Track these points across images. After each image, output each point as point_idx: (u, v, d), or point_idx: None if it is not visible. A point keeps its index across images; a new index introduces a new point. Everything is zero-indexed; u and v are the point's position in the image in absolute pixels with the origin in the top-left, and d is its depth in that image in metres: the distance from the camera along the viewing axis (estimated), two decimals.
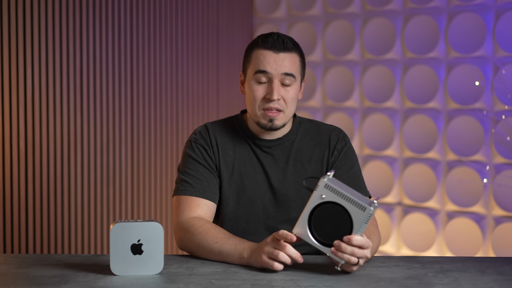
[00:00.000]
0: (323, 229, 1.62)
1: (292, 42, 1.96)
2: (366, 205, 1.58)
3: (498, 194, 3.47)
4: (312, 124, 2.07)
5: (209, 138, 2.00)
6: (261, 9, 4.33)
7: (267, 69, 1.91)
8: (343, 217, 1.60)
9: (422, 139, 3.78)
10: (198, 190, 1.93)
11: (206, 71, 4.03)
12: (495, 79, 3.48)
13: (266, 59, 1.91)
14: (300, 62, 1.98)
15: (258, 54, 1.93)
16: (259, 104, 1.92)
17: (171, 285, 1.56)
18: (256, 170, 1.99)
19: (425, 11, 3.76)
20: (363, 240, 1.59)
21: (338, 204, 1.59)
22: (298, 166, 1.99)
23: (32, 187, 3.09)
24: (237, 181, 1.98)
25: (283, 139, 2.01)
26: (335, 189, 1.59)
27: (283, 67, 1.91)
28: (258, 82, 1.93)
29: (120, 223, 1.61)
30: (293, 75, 1.93)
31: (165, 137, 3.77)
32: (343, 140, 2.03)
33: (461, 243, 3.63)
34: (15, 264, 1.74)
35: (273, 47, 1.92)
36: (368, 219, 1.59)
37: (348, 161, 2.01)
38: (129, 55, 3.55)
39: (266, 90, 1.92)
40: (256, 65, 1.93)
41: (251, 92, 1.93)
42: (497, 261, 1.82)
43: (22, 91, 3.03)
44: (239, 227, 1.98)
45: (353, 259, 1.59)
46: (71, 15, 3.23)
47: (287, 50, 1.93)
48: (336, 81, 4.10)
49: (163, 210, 3.77)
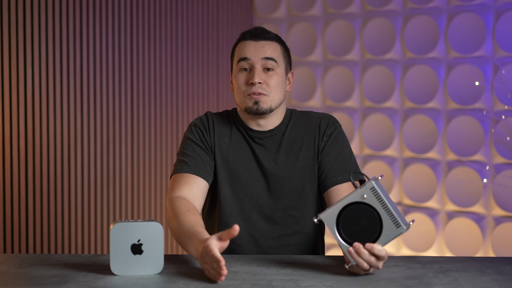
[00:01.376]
0: (349, 226, 1.60)
1: (274, 35, 2.02)
2: (401, 223, 1.57)
3: (498, 194, 3.48)
4: (302, 114, 2.10)
5: (207, 124, 2.05)
6: (261, 9, 4.33)
7: (247, 55, 1.97)
8: (375, 225, 1.59)
9: (422, 139, 3.78)
10: (192, 167, 1.96)
11: (206, 71, 4.04)
12: (495, 79, 3.48)
13: (246, 47, 1.98)
14: (282, 51, 2.02)
15: (240, 45, 2.01)
16: (244, 90, 1.97)
17: (171, 285, 1.56)
18: (249, 158, 2.02)
19: (425, 11, 3.76)
20: (384, 252, 1.58)
21: (375, 210, 1.59)
22: (290, 154, 2.01)
23: (32, 187, 3.09)
24: (231, 168, 2.01)
25: (275, 130, 2.03)
26: (379, 195, 1.58)
27: (263, 52, 1.97)
28: (241, 70, 1.98)
29: (120, 223, 1.62)
30: (274, 59, 1.97)
31: (165, 137, 3.77)
32: (332, 126, 2.05)
33: (461, 243, 3.63)
34: (15, 264, 1.74)
35: (252, 37, 1.99)
36: (397, 236, 1.58)
37: (338, 146, 2.02)
38: (129, 55, 3.55)
39: (248, 76, 1.97)
40: (238, 55, 2.00)
41: (236, 81, 1.99)
42: (497, 261, 1.82)
43: (22, 91, 3.03)
44: (233, 213, 2.00)
45: (366, 266, 1.59)
46: (71, 15, 3.23)
47: (267, 38, 2.00)
48: (336, 81, 4.10)
49: (163, 210, 3.77)
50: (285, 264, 1.75)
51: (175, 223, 1.80)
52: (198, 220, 1.79)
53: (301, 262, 1.78)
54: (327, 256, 1.88)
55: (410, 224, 1.58)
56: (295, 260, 1.82)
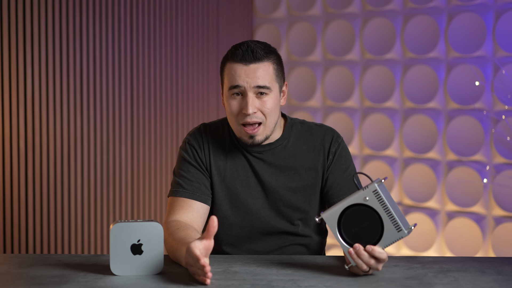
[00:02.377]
0: (351, 227, 1.60)
1: (263, 50, 1.89)
2: (402, 227, 1.56)
3: (498, 194, 3.47)
4: (304, 127, 2.02)
5: (202, 140, 1.98)
6: (261, 9, 4.33)
7: (239, 83, 1.86)
8: (376, 227, 1.59)
9: (422, 139, 3.78)
10: (187, 191, 1.92)
11: (206, 71, 4.03)
12: (495, 79, 3.48)
13: (237, 73, 1.86)
14: (274, 69, 1.90)
15: (230, 68, 1.89)
16: (237, 119, 1.89)
17: (171, 285, 1.56)
18: (248, 174, 1.96)
19: (425, 11, 3.76)
20: (384, 254, 1.58)
21: (377, 213, 1.58)
22: (291, 171, 1.96)
23: (32, 187, 3.09)
24: (229, 186, 1.96)
25: (274, 144, 1.97)
26: (381, 198, 1.57)
27: (255, 80, 1.85)
28: (233, 97, 1.88)
29: (120, 223, 1.61)
30: (267, 87, 1.87)
31: (165, 137, 3.77)
32: (336, 143, 1.99)
33: (461, 243, 3.63)
34: (15, 264, 1.74)
35: (242, 59, 1.86)
36: (397, 240, 1.58)
37: (342, 163, 1.98)
38: (129, 55, 3.55)
39: (241, 104, 1.88)
40: (228, 80, 1.89)
41: (228, 107, 1.90)
42: (497, 261, 1.82)
43: (22, 91, 3.03)
44: (233, 232, 1.97)
45: (365, 268, 1.59)
46: (71, 15, 3.23)
47: (257, 60, 1.86)
48: (336, 81, 4.10)
49: (163, 210, 3.77)
50: (285, 264, 1.75)
51: (170, 241, 1.78)
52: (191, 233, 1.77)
53: (301, 262, 1.78)
54: (327, 256, 1.88)
55: (411, 228, 1.58)
56: (295, 260, 1.82)
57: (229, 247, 1.98)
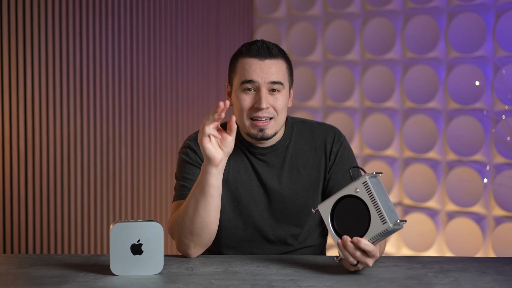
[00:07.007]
0: (342, 219, 1.61)
1: (277, 49, 1.90)
2: (387, 219, 1.56)
3: (498, 194, 3.47)
4: (305, 126, 2.02)
5: None
6: (261, 9, 4.33)
7: (254, 78, 1.85)
8: (363, 219, 1.59)
9: (422, 139, 3.78)
10: None
11: (206, 71, 4.03)
12: (495, 79, 3.48)
13: (251, 67, 1.86)
14: (287, 68, 1.91)
15: (243, 63, 1.88)
16: (247, 114, 1.87)
17: (171, 285, 1.56)
18: (251, 177, 1.95)
19: (425, 11, 3.76)
20: (370, 247, 1.57)
21: (365, 204, 1.59)
22: (293, 172, 1.95)
23: (32, 187, 3.09)
24: (232, 189, 1.94)
25: (277, 145, 1.96)
26: (370, 190, 1.58)
27: (270, 75, 1.85)
28: (245, 91, 1.88)
29: (120, 223, 1.61)
30: (281, 83, 1.87)
31: (165, 137, 3.77)
32: (338, 142, 1.98)
33: (461, 243, 3.63)
34: (15, 264, 1.74)
35: (258, 55, 1.87)
36: (384, 233, 1.57)
37: (345, 162, 1.97)
38: (129, 55, 3.55)
39: (254, 99, 1.87)
40: (242, 74, 1.88)
41: (239, 102, 1.88)
42: (497, 261, 1.82)
43: (22, 91, 3.03)
44: (236, 235, 1.96)
45: (352, 260, 1.58)
46: (71, 15, 3.23)
47: (273, 56, 1.87)
48: (336, 81, 4.10)
49: (163, 210, 3.77)
50: (285, 264, 1.75)
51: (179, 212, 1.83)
52: None
53: (301, 262, 1.78)
54: (327, 256, 1.88)
55: (398, 221, 1.56)
56: (295, 260, 1.82)
57: (231, 250, 1.97)
